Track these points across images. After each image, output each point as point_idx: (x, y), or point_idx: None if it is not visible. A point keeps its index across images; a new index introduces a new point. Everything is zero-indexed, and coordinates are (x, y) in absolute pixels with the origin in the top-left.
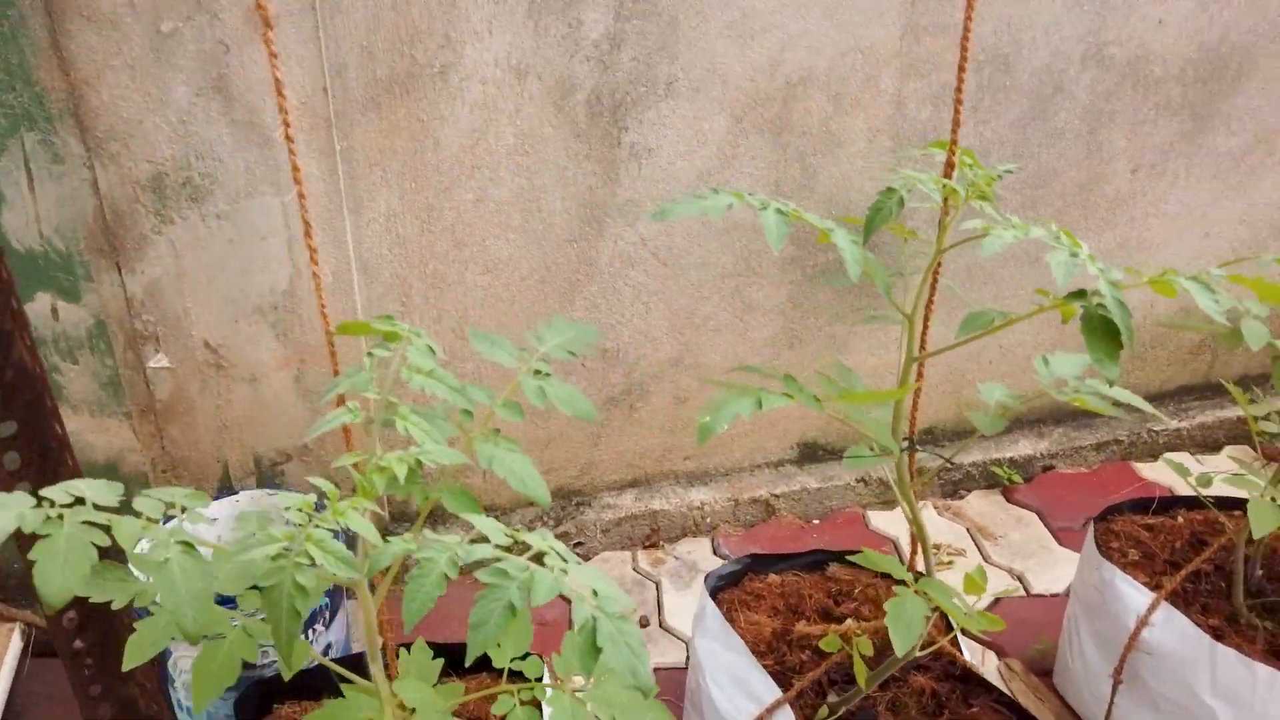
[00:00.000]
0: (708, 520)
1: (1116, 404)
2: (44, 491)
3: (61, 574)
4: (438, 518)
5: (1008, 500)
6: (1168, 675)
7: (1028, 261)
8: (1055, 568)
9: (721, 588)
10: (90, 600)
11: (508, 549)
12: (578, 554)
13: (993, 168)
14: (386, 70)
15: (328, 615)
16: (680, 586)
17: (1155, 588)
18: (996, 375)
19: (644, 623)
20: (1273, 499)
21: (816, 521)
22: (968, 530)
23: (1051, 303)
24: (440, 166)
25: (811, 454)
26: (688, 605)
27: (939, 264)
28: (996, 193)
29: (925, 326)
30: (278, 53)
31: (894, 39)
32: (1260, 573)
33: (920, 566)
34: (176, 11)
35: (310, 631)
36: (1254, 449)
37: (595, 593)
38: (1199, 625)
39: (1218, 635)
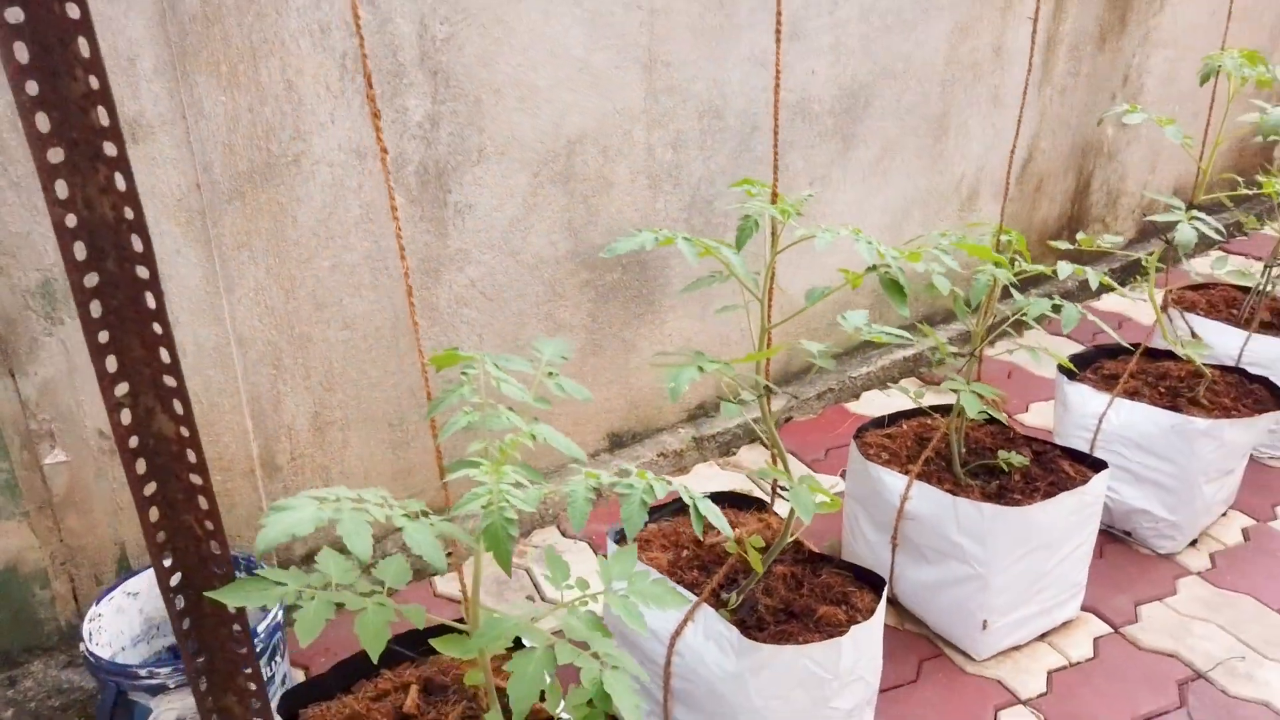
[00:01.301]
0: (550, 511)
1: (896, 336)
2: (314, 493)
3: (358, 539)
4: None
5: (767, 448)
6: (927, 530)
7: (750, 258)
8: None
9: (620, 539)
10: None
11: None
12: (449, 562)
13: (800, 195)
14: (247, 163)
15: (282, 648)
16: None
17: (906, 473)
18: (746, 348)
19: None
20: (970, 390)
21: None
22: (747, 476)
23: (851, 276)
24: (299, 241)
25: (619, 441)
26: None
27: (775, 262)
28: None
29: (769, 306)
30: (157, 157)
31: (640, 100)
32: (964, 450)
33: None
34: None
35: (272, 664)
36: (920, 380)
37: (686, 488)
38: (940, 490)
39: (953, 494)
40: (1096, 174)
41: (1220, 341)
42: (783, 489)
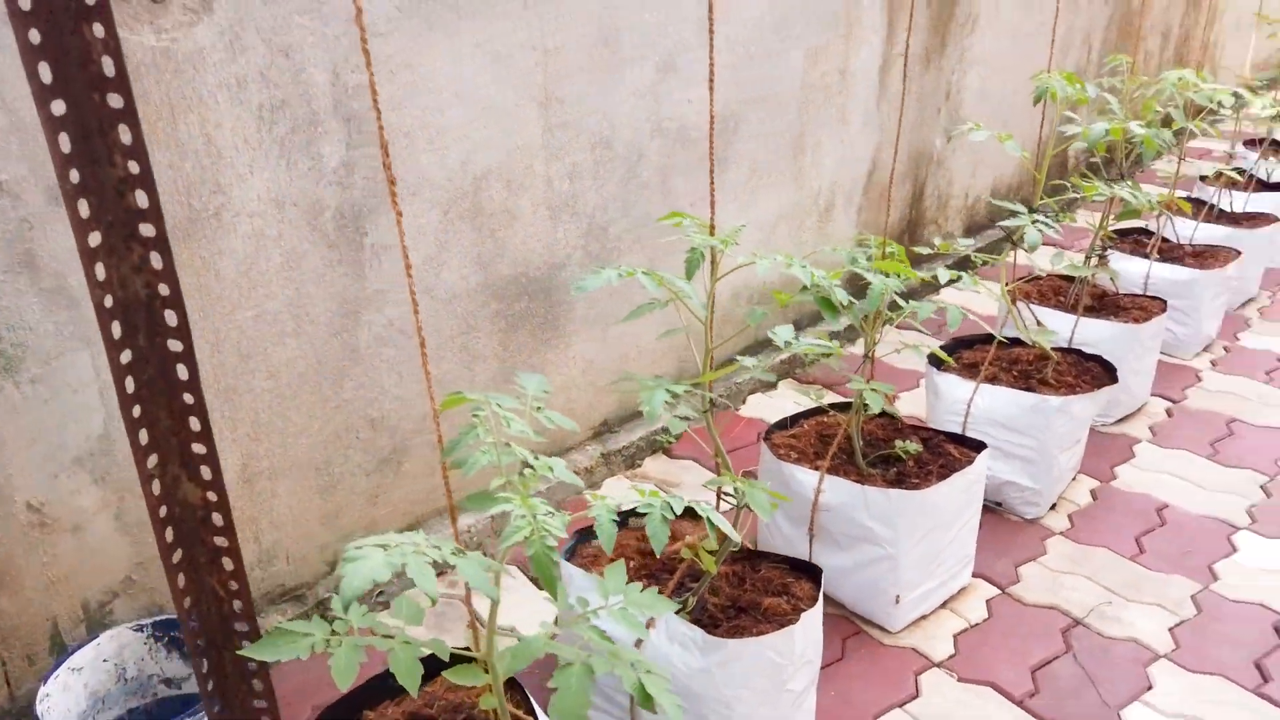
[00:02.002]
0: (475, 539)
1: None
2: (375, 540)
3: (425, 579)
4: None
5: (670, 457)
6: (840, 519)
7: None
8: None
9: (570, 556)
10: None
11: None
12: (378, 601)
13: (735, 227)
14: (170, 221)
15: None
16: None
17: (815, 469)
18: (643, 363)
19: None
20: (871, 388)
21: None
22: (655, 485)
23: (781, 296)
24: (222, 294)
25: None
26: (504, 605)
27: (715, 288)
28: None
29: (711, 329)
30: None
31: (538, 136)
32: (863, 444)
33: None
34: None
35: None
36: (796, 380)
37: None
38: (849, 481)
39: (860, 484)
40: (929, 180)
41: (1054, 326)
42: (728, 494)
